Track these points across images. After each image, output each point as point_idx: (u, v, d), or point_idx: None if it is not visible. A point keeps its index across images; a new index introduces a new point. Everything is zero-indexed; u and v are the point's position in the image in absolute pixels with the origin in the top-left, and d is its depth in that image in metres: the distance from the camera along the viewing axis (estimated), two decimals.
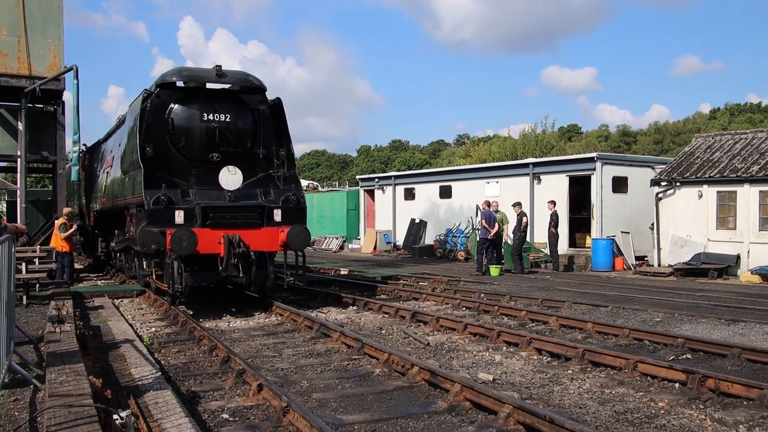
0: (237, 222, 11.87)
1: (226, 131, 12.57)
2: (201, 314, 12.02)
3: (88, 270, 21.83)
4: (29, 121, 17.56)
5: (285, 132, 13.46)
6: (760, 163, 19.15)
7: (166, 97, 12.51)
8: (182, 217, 11.52)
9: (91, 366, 7.45)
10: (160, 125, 12.37)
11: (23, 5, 16.70)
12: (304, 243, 12.35)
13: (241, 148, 12.90)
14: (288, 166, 13.39)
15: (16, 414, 5.79)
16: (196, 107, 12.50)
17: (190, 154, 12.50)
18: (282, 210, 12.44)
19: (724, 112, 71.74)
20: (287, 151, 13.44)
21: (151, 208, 11.38)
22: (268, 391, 6.49)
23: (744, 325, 10.67)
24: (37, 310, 11.80)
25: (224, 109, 12.64)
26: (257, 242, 11.96)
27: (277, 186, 13.15)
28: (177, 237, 11.00)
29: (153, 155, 12.13)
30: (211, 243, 11.47)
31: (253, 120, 13.10)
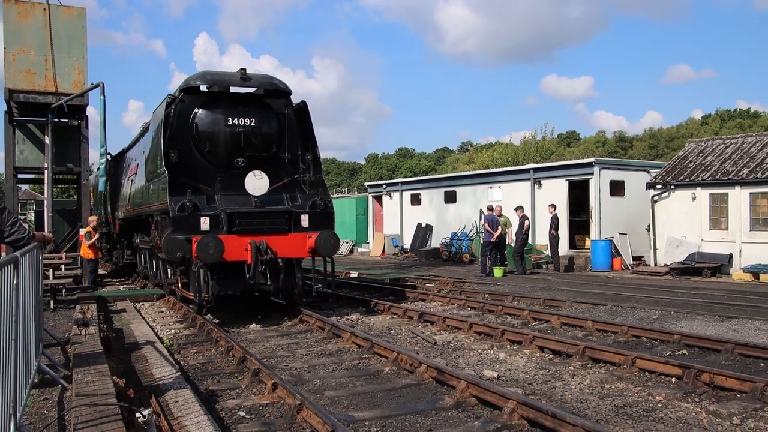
0: (264, 228, 11.10)
1: (251, 135, 11.88)
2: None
3: (111, 275, 21.90)
4: (55, 135, 17.63)
5: (311, 136, 12.64)
6: (750, 166, 19.07)
7: (190, 101, 11.79)
8: (208, 223, 10.78)
9: (115, 367, 7.47)
10: (184, 130, 11.67)
11: (50, 27, 16.82)
12: (333, 249, 11.47)
13: (267, 153, 12.17)
14: (314, 170, 12.61)
15: (45, 412, 5.81)
16: (220, 112, 11.81)
17: (214, 160, 11.78)
18: (309, 215, 11.62)
19: (716, 118, 71.43)
20: (313, 155, 12.62)
21: (176, 215, 10.63)
22: (283, 390, 6.49)
23: (737, 321, 10.60)
24: (63, 314, 11.85)
25: (249, 113, 11.94)
26: (285, 248, 11.18)
27: (303, 191, 12.32)
28: (203, 244, 10.25)
29: (177, 161, 11.39)
30: (237, 250, 10.73)
31: (279, 124, 12.37)
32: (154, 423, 5.25)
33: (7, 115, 17.50)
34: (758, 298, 13.45)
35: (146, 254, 15.59)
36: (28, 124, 18.06)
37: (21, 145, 18.00)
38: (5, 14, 16.61)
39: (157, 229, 12.25)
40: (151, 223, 13.04)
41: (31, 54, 16.70)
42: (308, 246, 11.32)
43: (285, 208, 11.59)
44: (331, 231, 11.51)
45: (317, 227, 11.52)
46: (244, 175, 11.79)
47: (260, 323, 11.47)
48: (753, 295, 14.04)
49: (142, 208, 13.75)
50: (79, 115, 17.82)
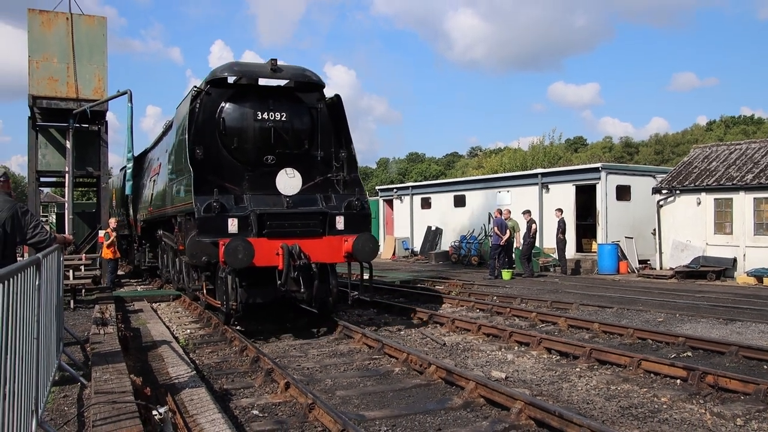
0: (296, 231, 10.02)
1: (281, 131, 10.81)
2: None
3: (129, 276, 22.02)
4: (76, 140, 17.80)
5: (345, 132, 11.53)
6: (754, 171, 18.93)
7: (217, 95, 10.79)
8: (236, 225, 9.75)
9: (132, 365, 7.51)
10: (210, 126, 10.69)
11: (72, 36, 17.01)
12: (371, 253, 10.27)
13: (298, 150, 11.08)
14: (348, 168, 11.48)
15: (65, 409, 5.85)
16: (249, 106, 10.75)
17: (242, 157, 10.75)
18: (345, 216, 10.55)
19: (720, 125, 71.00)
20: (348, 153, 11.47)
21: (202, 216, 9.58)
22: (295, 389, 6.50)
23: (741, 324, 10.51)
24: (83, 314, 11.92)
25: (280, 107, 10.88)
26: (319, 253, 10.07)
27: (336, 191, 11.25)
28: (231, 248, 9.12)
29: (203, 158, 10.38)
30: (268, 254, 9.64)
31: (311, 119, 11.30)
32: (170, 420, 5.27)
33: (30, 120, 17.68)
34: (762, 302, 13.33)
35: (169, 256, 14.77)
36: (50, 129, 18.25)
37: (43, 149, 18.18)
38: (30, 24, 16.80)
39: (180, 232, 11.38)
40: (174, 225, 12.22)
41: (53, 62, 16.88)
42: (344, 250, 10.27)
43: (319, 209, 10.52)
44: (369, 234, 10.46)
45: (353, 230, 10.49)
46: (274, 174, 10.72)
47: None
48: (757, 299, 13.92)
49: (165, 209, 12.86)
50: (99, 120, 17.98)
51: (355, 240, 10.04)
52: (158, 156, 15.06)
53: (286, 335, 10.38)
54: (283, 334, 10.49)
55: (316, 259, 9.99)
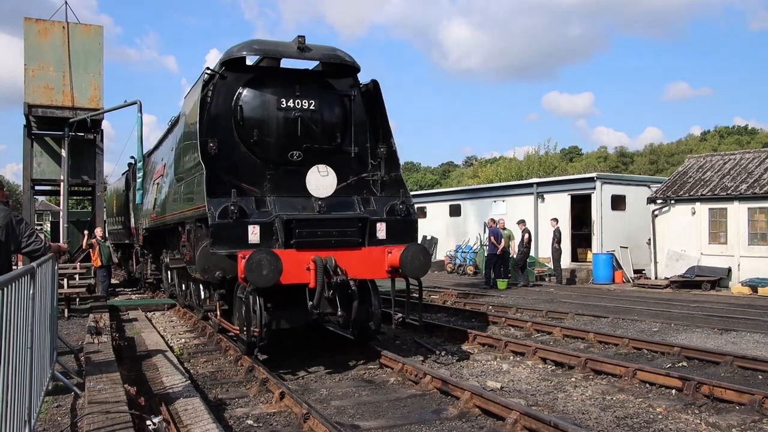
0: (331, 240, 8.31)
1: (310, 122, 9.18)
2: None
3: (124, 285, 21.95)
4: (71, 148, 17.81)
5: (383, 124, 9.82)
6: (748, 182, 19.02)
7: (234, 79, 9.16)
8: (258, 234, 8.10)
9: (126, 374, 7.48)
10: (225, 116, 9.09)
11: (68, 44, 17.05)
12: (422, 268, 8.45)
13: (329, 145, 9.40)
14: (388, 167, 9.79)
15: (59, 419, 5.81)
16: (271, 92, 9.11)
17: (263, 153, 9.12)
18: (387, 223, 8.91)
19: (714, 135, 71.37)
20: (388, 149, 9.73)
21: (217, 223, 7.91)
22: (290, 399, 6.48)
23: (736, 334, 10.53)
24: (77, 323, 11.88)
25: (307, 94, 9.22)
26: (357, 267, 8.34)
27: (373, 193, 9.65)
28: (255, 262, 7.39)
29: (218, 154, 8.76)
30: (297, 269, 7.91)
31: (343, 109, 9.67)
32: (164, 430, 5.25)
33: (25, 128, 17.68)
34: (757, 311, 13.37)
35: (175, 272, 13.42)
36: (45, 138, 18.25)
37: (38, 157, 18.20)
38: (26, 32, 16.84)
39: (189, 241, 9.65)
40: (181, 234, 10.56)
41: (49, 70, 16.92)
42: (388, 263, 8.56)
43: (359, 215, 8.82)
44: (419, 244, 8.75)
45: (397, 239, 8.88)
46: (299, 173, 9.05)
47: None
48: (751, 308, 13.96)
49: (171, 215, 11.23)
50: (95, 128, 18.00)
51: (403, 252, 8.29)
52: (162, 156, 13.69)
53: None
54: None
55: (355, 275, 8.23)
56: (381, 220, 8.92)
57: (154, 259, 16.19)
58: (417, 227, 9.39)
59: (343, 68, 9.62)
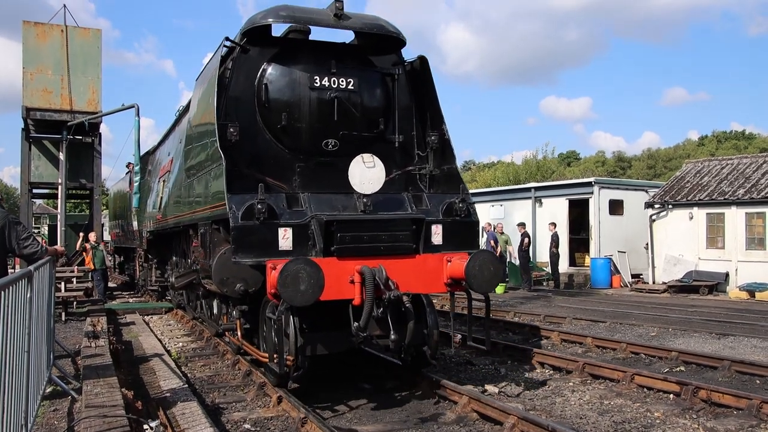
0: (380, 247, 6.83)
1: (349, 104, 7.73)
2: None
3: (121, 288, 21.93)
4: (69, 151, 17.81)
5: (433, 108, 8.28)
6: (745, 186, 19.06)
7: (257, 54, 7.65)
8: (290, 238, 6.68)
9: (124, 378, 7.46)
10: (247, 96, 7.62)
11: (67, 48, 17.07)
12: (493, 280, 6.90)
13: (369, 132, 7.94)
14: (439, 158, 8.28)
15: (56, 423, 5.80)
16: (302, 68, 7.63)
17: (293, 141, 7.66)
18: (444, 226, 7.43)
19: (712, 140, 71.46)
20: (440, 137, 8.21)
21: (240, 225, 6.49)
22: (287, 403, 6.46)
23: (733, 338, 10.54)
24: (74, 326, 11.85)
25: (345, 71, 7.78)
26: (411, 279, 6.81)
27: (419, 189, 8.19)
28: (290, 275, 5.92)
29: (238, 141, 7.35)
30: (339, 282, 6.42)
31: (386, 90, 8.19)
32: None
33: (23, 132, 17.68)
34: (754, 316, 13.38)
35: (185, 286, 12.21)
36: (43, 141, 18.25)
37: (36, 161, 18.19)
38: (25, 36, 16.85)
39: (204, 247, 7.93)
40: (193, 238, 9.20)
41: (48, 73, 16.92)
42: (447, 275, 7.03)
43: (413, 215, 7.31)
44: (487, 252, 7.37)
45: (454, 245, 7.43)
46: (334, 165, 7.73)
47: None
48: (749, 313, 13.97)
49: (180, 216, 9.82)
50: (93, 132, 18.00)
51: (470, 261, 6.73)
52: (169, 151, 12.41)
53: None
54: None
55: (408, 289, 6.65)
56: (438, 221, 7.47)
57: (159, 264, 14.96)
58: (479, 231, 8.02)
59: (385, 42, 8.15)
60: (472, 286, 6.87)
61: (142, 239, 15.54)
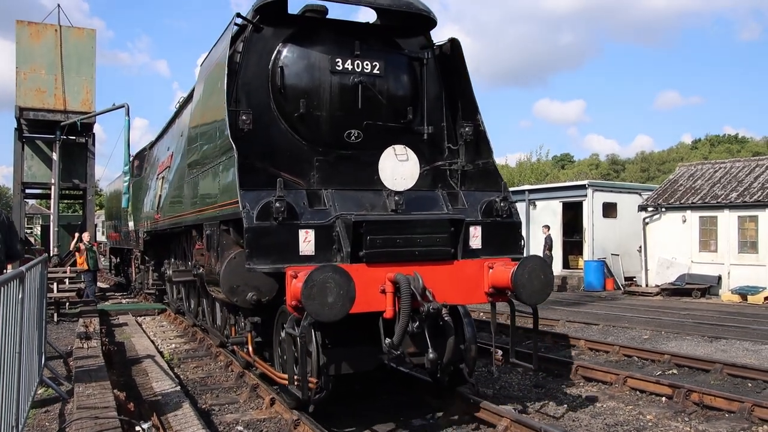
0: (414, 251, 6.01)
1: (375, 90, 6.90)
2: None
3: (114, 289, 21.84)
4: (62, 151, 17.74)
5: (466, 97, 7.44)
6: (738, 190, 19.15)
7: (271, 33, 6.84)
8: (312, 242, 5.90)
9: (116, 380, 7.44)
10: (260, 81, 6.82)
11: (61, 48, 17.01)
12: (545, 290, 6.09)
13: (396, 123, 7.09)
14: (473, 152, 7.42)
15: (47, 424, 5.77)
16: (322, 50, 6.81)
17: (311, 131, 6.85)
18: (484, 228, 6.65)
19: (705, 143, 71.78)
20: (474, 128, 7.35)
21: (255, 226, 5.71)
22: (280, 405, 6.45)
23: (725, 341, 10.58)
24: (66, 327, 11.81)
25: (370, 53, 6.93)
26: (448, 288, 6.00)
27: (450, 186, 7.36)
28: (317, 286, 5.05)
29: (250, 131, 6.52)
30: (369, 293, 5.61)
31: (413, 76, 7.34)
32: None
33: (16, 131, 17.61)
34: (746, 319, 13.43)
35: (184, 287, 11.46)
36: (36, 141, 18.18)
37: (29, 160, 18.12)
38: (18, 35, 16.79)
39: (210, 250, 7.03)
40: (196, 240, 8.38)
41: (41, 73, 16.87)
42: (488, 283, 6.23)
43: (452, 215, 6.52)
44: (537, 257, 6.33)
45: (495, 249, 6.68)
46: (356, 158, 7.01)
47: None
48: (741, 316, 14.03)
49: (182, 216, 8.99)
50: (87, 132, 17.95)
51: (518, 268, 5.92)
52: (168, 145, 11.62)
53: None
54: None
55: (445, 299, 5.82)
56: (477, 222, 6.65)
57: (157, 267, 13.99)
58: (521, 233, 7.09)
59: (412, 21, 7.31)
60: (520, 297, 5.99)
61: (138, 240, 14.77)
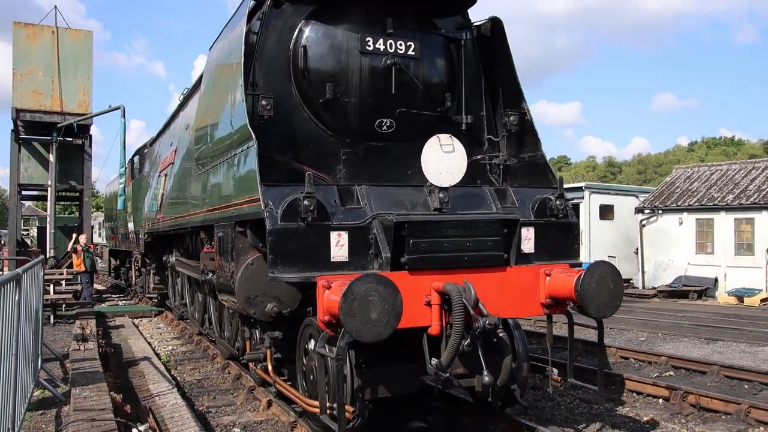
0: (464, 257, 5.25)
1: (410, 74, 6.23)
2: None
3: (111, 291, 21.80)
4: (59, 153, 17.71)
5: (511, 81, 6.74)
6: (734, 192, 19.19)
7: (292, 9, 6.17)
8: (346, 245, 5.09)
9: (113, 382, 7.42)
10: (279, 63, 6.13)
11: (58, 49, 16.99)
12: (615, 301, 5.31)
13: (432, 111, 6.45)
14: (517, 144, 6.75)
15: (43, 427, 5.76)
16: (349, 27, 6.11)
17: (338, 120, 6.18)
18: (536, 229, 5.87)
19: (701, 145, 72.00)
20: (519, 117, 6.64)
21: (280, 228, 4.91)
22: (277, 407, 6.44)
23: (722, 343, 10.60)
24: (63, 329, 11.77)
25: (404, 32, 6.24)
26: (500, 299, 5.27)
27: (490, 182, 6.70)
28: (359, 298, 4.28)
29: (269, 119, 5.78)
30: (413, 305, 4.80)
31: (450, 59, 6.66)
32: None
33: (13, 133, 17.57)
34: (742, 321, 13.46)
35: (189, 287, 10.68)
36: (33, 143, 18.15)
37: (26, 162, 18.08)
38: (15, 37, 16.76)
39: (222, 255, 6.21)
40: (203, 243, 7.71)
41: (38, 75, 16.83)
42: (546, 293, 5.52)
43: (505, 216, 5.70)
44: (606, 263, 5.44)
45: (549, 254, 5.91)
46: (387, 152, 6.38)
47: None
48: (737, 318, 14.05)
49: (188, 216, 8.25)
50: (84, 134, 17.92)
51: (585, 276, 5.14)
52: (171, 140, 10.90)
53: None
54: None
55: (497, 312, 4.97)
56: (530, 223, 5.86)
57: (158, 270, 13.42)
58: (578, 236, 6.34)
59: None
60: (586, 310, 5.20)
61: (138, 242, 14.09)
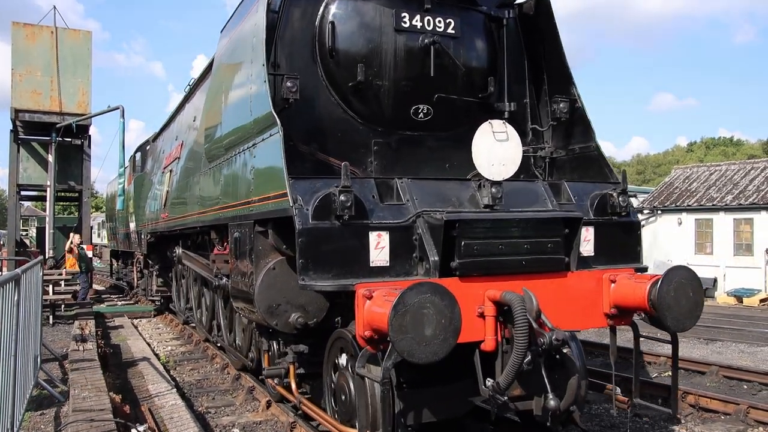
0: (521, 261, 4.64)
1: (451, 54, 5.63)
2: None
3: (110, 291, 21.79)
4: (58, 153, 17.70)
5: (558, 64, 6.14)
6: (733, 193, 19.21)
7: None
8: (387, 248, 4.46)
9: (112, 382, 7.41)
10: (303, 43, 5.56)
11: (57, 49, 16.97)
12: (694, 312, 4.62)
13: (473, 97, 5.86)
14: (564, 135, 6.17)
15: (42, 427, 5.76)
16: (382, 1, 5.52)
17: (368, 106, 5.62)
18: (597, 229, 5.22)
19: (701, 146, 72.04)
20: (570, 104, 5.99)
21: (312, 227, 4.31)
22: (276, 408, 6.44)
23: (721, 344, 10.60)
24: (62, 329, 11.76)
25: (443, 9, 5.67)
26: (560, 309, 4.67)
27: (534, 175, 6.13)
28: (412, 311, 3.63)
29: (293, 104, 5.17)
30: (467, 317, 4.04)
31: (491, 40, 6.08)
32: None
33: (12, 133, 17.56)
34: (742, 321, 13.46)
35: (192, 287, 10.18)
36: (32, 143, 18.13)
37: (25, 162, 18.05)
38: (14, 37, 16.74)
39: (239, 257, 5.56)
40: (215, 244, 7.28)
41: (37, 75, 16.81)
42: (610, 302, 4.91)
43: (567, 214, 5.01)
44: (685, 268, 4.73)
45: (609, 257, 5.24)
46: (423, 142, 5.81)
47: None
48: (737, 318, 14.06)
49: (196, 214, 7.73)
50: (83, 134, 17.90)
51: (662, 283, 4.48)
52: (176, 134, 10.37)
53: None
54: None
55: (558, 324, 4.29)
56: (590, 222, 5.17)
57: (162, 272, 12.87)
58: (641, 236, 5.59)
59: None
60: (664, 322, 4.54)
61: (140, 242, 13.54)
